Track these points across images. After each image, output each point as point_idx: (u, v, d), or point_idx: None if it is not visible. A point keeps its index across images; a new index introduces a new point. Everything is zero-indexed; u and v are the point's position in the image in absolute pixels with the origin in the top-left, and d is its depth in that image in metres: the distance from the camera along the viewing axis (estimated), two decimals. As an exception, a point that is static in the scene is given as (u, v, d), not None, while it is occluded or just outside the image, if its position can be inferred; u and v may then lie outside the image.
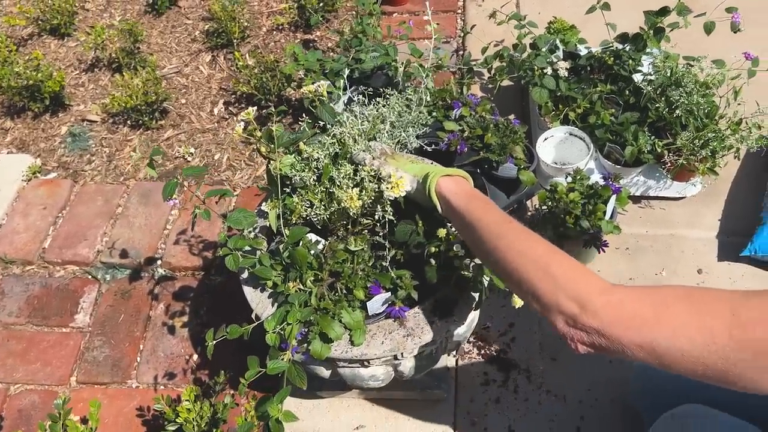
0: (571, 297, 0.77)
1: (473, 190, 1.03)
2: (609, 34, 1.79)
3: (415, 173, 1.08)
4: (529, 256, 0.84)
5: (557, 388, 1.49)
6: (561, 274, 0.79)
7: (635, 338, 0.72)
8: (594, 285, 0.77)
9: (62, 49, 2.49)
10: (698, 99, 1.60)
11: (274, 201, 1.15)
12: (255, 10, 2.56)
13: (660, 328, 0.70)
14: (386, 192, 1.06)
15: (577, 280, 0.78)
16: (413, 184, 1.08)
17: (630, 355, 0.73)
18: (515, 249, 0.86)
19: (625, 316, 0.73)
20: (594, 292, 0.76)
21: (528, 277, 0.82)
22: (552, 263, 0.81)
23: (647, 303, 0.73)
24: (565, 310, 0.77)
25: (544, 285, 0.80)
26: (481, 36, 2.14)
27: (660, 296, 0.73)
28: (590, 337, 0.75)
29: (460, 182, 1.04)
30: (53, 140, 2.19)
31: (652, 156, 1.64)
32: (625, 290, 0.76)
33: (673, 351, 0.70)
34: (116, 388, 1.64)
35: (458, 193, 1.00)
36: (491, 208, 0.97)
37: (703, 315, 0.69)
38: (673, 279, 1.65)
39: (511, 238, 0.88)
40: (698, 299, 0.71)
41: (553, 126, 1.74)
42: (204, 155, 2.09)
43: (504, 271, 0.88)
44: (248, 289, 1.20)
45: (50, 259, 1.88)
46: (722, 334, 0.67)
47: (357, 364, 1.16)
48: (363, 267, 1.13)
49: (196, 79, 2.33)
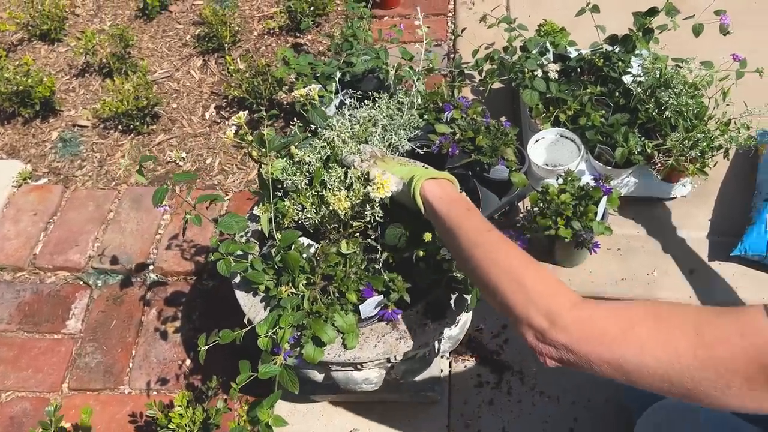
0: (541, 311, 0.77)
1: (457, 195, 1.03)
2: (599, 36, 1.80)
3: (401, 175, 1.08)
4: (503, 267, 0.84)
5: (550, 389, 1.50)
6: (533, 287, 0.80)
7: (603, 355, 0.72)
8: (565, 300, 0.77)
9: (52, 54, 2.48)
10: (687, 100, 1.61)
11: (266, 205, 1.15)
12: (246, 15, 2.56)
13: (627, 346, 0.71)
14: (372, 193, 1.06)
15: (548, 294, 0.78)
16: (399, 186, 1.08)
17: (598, 371, 0.74)
18: (490, 258, 0.86)
19: (594, 333, 0.73)
20: (564, 308, 0.76)
21: (501, 288, 0.82)
22: (525, 275, 0.82)
23: (615, 320, 0.73)
24: (535, 324, 0.77)
25: (516, 297, 0.80)
26: (471, 39, 2.15)
27: (628, 314, 0.74)
28: (558, 352, 0.76)
29: (444, 186, 1.03)
30: (44, 146, 2.18)
31: (642, 157, 1.65)
32: (595, 306, 0.76)
33: (640, 368, 0.71)
34: (108, 395, 1.63)
35: (441, 197, 1.00)
36: (472, 214, 0.96)
37: (669, 334, 0.70)
38: (664, 279, 1.65)
39: (488, 247, 0.88)
40: (665, 318, 0.71)
41: (544, 128, 1.75)
42: (196, 159, 2.09)
43: (479, 280, 0.88)
44: (240, 293, 1.19)
45: (41, 265, 1.87)
46: (687, 353, 0.68)
47: (350, 368, 1.16)
48: (355, 270, 1.13)
49: (188, 84, 2.32)
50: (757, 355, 0.64)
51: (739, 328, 0.66)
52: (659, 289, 1.64)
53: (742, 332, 0.66)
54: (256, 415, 1.02)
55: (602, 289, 1.64)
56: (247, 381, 1.06)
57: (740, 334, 0.66)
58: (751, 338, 0.65)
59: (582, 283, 1.66)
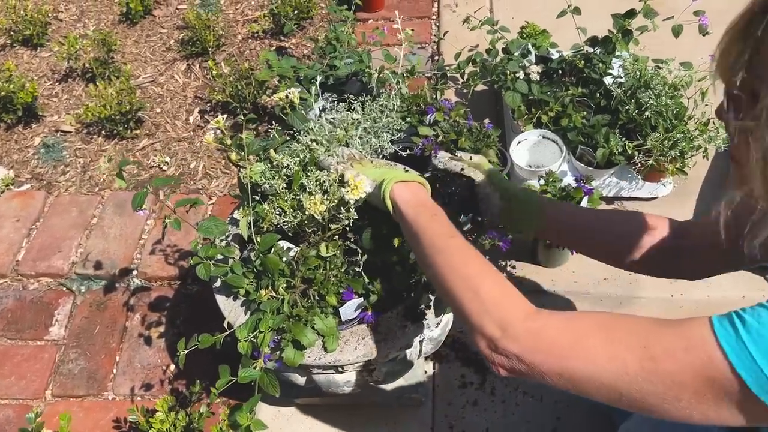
0: (494, 320, 0.77)
1: (425, 200, 1.02)
2: (580, 37, 1.81)
3: (374, 177, 1.08)
4: (461, 274, 0.84)
5: (534, 389, 1.50)
6: (488, 296, 0.80)
7: (553, 366, 0.73)
8: (518, 310, 0.78)
9: (35, 59, 2.47)
10: (667, 101, 1.63)
11: (245, 209, 1.15)
12: (230, 19, 2.56)
13: (577, 358, 0.72)
14: (346, 195, 1.06)
15: (503, 303, 0.79)
16: (371, 187, 1.08)
17: (549, 381, 0.74)
18: (450, 265, 0.86)
19: (545, 344, 0.74)
20: (517, 318, 0.77)
21: (459, 296, 0.83)
22: (482, 284, 0.82)
23: (566, 332, 0.74)
24: (488, 333, 0.77)
25: (471, 305, 0.80)
26: (454, 42, 2.16)
27: (579, 325, 0.74)
28: (510, 361, 0.76)
29: (414, 190, 1.03)
30: (26, 152, 2.17)
31: (623, 157, 1.66)
32: (548, 317, 0.76)
33: (590, 380, 0.71)
34: (92, 401, 1.62)
35: (409, 201, 1.00)
36: (437, 220, 0.96)
37: (617, 346, 0.70)
38: (646, 279, 1.65)
39: (449, 254, 0.88)
40: (614, 330, 0.72)
41: (526, 129, 1.76)
42: (180, 164, 2.08)
43: (439, 286, 0.89)
44: (221, 297, 1.19)
45: (24, 271, 1.85)
46: (634, 365, 0.68)
47: (331, 371, 1.16)
48: (335, 273, 1.13)
49: (171, 88, 2.32)
50: (703, 369, 0.64)
51: (684, 341, 0.66)
52: (641, 289, 1.65)
53: (687, 346, 0.66)
54: (236, 420, 1.02)
55: (585, 289, 1.65)
56: (228, 385, 1.06)
57: (685, 348, 0.66)
58: (696, 351, 0.65)
59: (565, 283, 1.67)
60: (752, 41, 0.61)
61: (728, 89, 0.67)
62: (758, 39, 0.61)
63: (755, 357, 0.61)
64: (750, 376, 0.61)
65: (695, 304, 1.61)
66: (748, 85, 0.64)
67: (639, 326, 0.71)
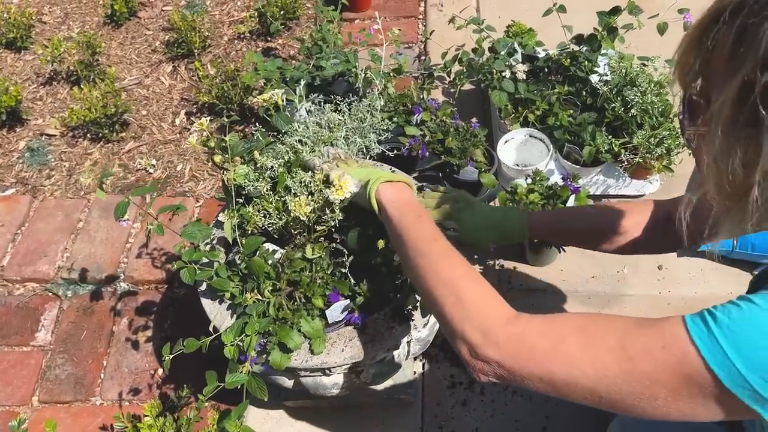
0: (476, 326, 0.77)
1: (410, 201, 1.02)
2: (565, 36, 1.82)
3: (359, 177, 1.08)
4: (443, 278, 0.84)
5: (523, 388, 1.50)
6: (469, 301, 0.79)
7: (534, 371, 0.73)
8: (499, 316, 0.77)
9: (19, 62, 2.45)
10: (653, 98, 1.63)
11: (230, 212, 1.15)
12: (216, 20, 2.54)
13: (556, 362, 0.71)
14: (331, 195, 1.06)
15: (484, 309, 0.78)
16: (357, 187, 1.08)
17: (530, 386, 0.74)
18: (432, 269, 0.86)
19: (524, 349, 0.73)
20: (498, 324, 0.76)
21: (440, 301, 0.82)
22: (464, 289, 0.81)
23: (545, 336, 0.73)
24: (469, 340, 0.77)
25: (452, 311, 0.80)
26: (441, 41, 2.16)
27: (558, 329, 0.74)
28: (491, 367, 0.75)
29: (400, 190, 1.03)
30: (11, 156, 2.15)
31: (610, 155, 1.66)
32: (527, 321, 0.76)
33: (569, 383, 0.71)
34: (80, 406, 1.61)
35: (394, 201, 1.00)
36: (422, 222, 0.95)
37: (596, 348, 0.70)
38: (634, 276, 1.67)
39: (432, 258, 0.88)
40: (592, 332, 0.71)
41: (513, 128, 1.76)
42: (166, 167, 2.07)
43: (421, 289, 0.88)
44: (206, 301, 1.18)
45: (9, 277, 1.84)
46: (613, 367, 0.68)
47: (319, 373, 1.15)
48: (321, 275, 1.13)
49: (157, 90, 2.30)
50: (678, 366, 0.64)
51: (660, 340, 0.66)
52: (629, 286, 1.66)
53: (664, 344, 0.66)
54: (225, 427, 1.01)
55: (573, 288, 1.65)
56: (216, 391, 1.05)
57: (662, 346, 0.66)
58: (671, 349, 0.65)
59: (553, 282, 1.67)
60: (704, 49, 0.62)
61: (686, 95, 0.67)
62: (708, 49, 0.62)
63: (727, 352, 0.61)
64: (723, 371, 0.62)
65: (683, 301, 1.62)
66: (705, 91, 0.64)
67: (617, 327, 0.71)
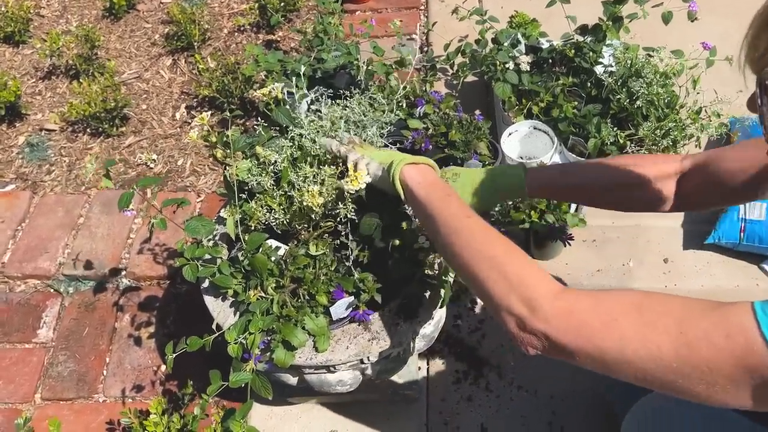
0: (522, 300, 0.75)
1: (436, 180, 1.00)
2: (569, 26, 1.79)
3: (380, 160, 1.05)
4: (484, 254, 0.82)
5: (528, 383, 1.49)
6: (514, 275, 0.78)
7: (584, 347, 0.71)
8: (546, 289, 0.76)
9: (17, 57, 2.42)
10: (658, 89, 1.61)
11: (232, 207, 1.13)
12: (216, 12, 2.52)
13: (608, 340, 0.70)
14: (345, 186, 1.03)
15: (529, 283, 0.77)
16: (378, 171, 1.04)
17: (579, 362, 0.72)
18: (470, 246, 0.84)
19: (574, 325, 0.72)
20: (546, 298, 0.75)
21: (482, 276, 0.81)
22: (507, 263, 0.80)
23: (597, 313, 0.71)
24: (516, 313, 0.75)
25: (497, 286, 0.78)
26: (444, 32, 2.13)
27: (610, 305, 0.72)
28: (539, 341, 0.74)
29: (424, 171, 1.00)
30: (10, 151, 2.13)
31: (615, 147, 1.64)
32: (576, 297, 0.74)
33: (620, 362, 0.69)
34: (83, 403, 1.60)
35: (420, 182, 0.97)
36: (452, 200, 0.94)
37: (651, 329, 0.68)
38: (640, 269, 1.66)
39: (468, 234, 0.86)
40: (648, 311, 0.69)
41: (517, 120, 1.74)
42: (167, 161, 2.05)
43: (460, 267, 0.86)
44: (209, 298, 1.17)
45: (10, 273, 1.83)
46: (669, 351, 0.66)
47: (323, 370, 1.14)
48: (325, 272, 1.11)
49: (157, 84, 2.28)
50: (743, 356, 0.62)
51: (724, 328, 0.64)
52: (635, 279, 1.64)
53: (728, 333, 0.63)
54: (229, 427, 1.00)
55: (578, 281, 1.64)
56: (220, 390, 1.04)
57: (725, 335, 0.63)
58: (737, 338, 0.63)
59: (558, 276, 1.65)
60: None
61: (760, 80, 0.64)
62: None
63: None
64: None
65: (689, 294, 1.59)
66: None
67: (674, 308, 0.68)
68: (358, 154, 1.08)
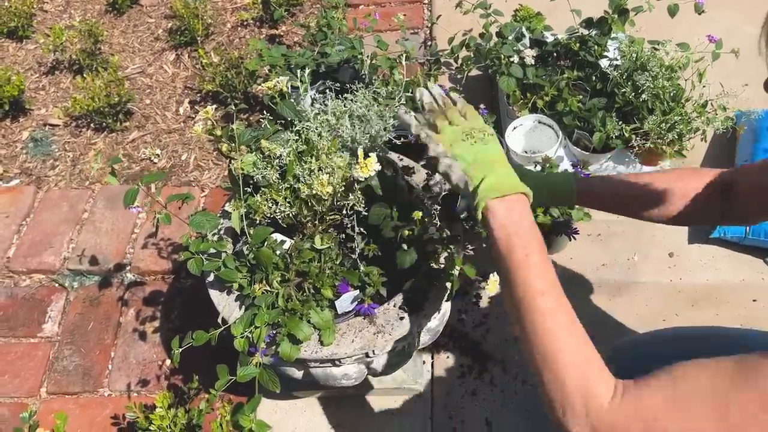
0: (570, 409, 0.74)
1: (520, 227, 0.87)
2: (574, 19, 1.79)
3: (467, 170, 0.91)
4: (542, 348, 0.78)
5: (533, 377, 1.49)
6: (566, 381, 0.75)
7: None
8: (595, 399, 0.74)
9: (21, 52, 2.42)
10: (664, 83, 1.60)
11: (237, 201, 1.13)
12: (219, 7, 2.51)
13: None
14: (355, 173, 0.98)
15: (579, 392, 0.74)
16: (460, 182, 0.92)
17: None
18: (533, 330, 0.80)
19: None
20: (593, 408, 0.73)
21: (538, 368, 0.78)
22: (561, 367, 0.76)
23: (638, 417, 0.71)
24: (565, 424, 0.74)
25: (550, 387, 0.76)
26: (448, 26, 2.12)
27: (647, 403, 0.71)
28: None
29: (511, 209, 0.87)
30: (14, 146, 2.13)
31: (620, 141, 1.64)
32: (619, 405, 0.72)
33: None
34: (88, 397, 1.61)
35: (504, 226, 0.86)
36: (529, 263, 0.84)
37: (693, 422, 0.67)
38: (645, 263, 1.65)
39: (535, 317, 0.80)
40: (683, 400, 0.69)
41: (522, 114, 1.74)
42: (171, 156, 2.05)
43: (520, 342, 0.83)
44: (214, 292, 1.17)
45: (15, 268, 1.83)
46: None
47: (328, 364, 1.14)
48: (330, 265, 1.11)
49: (161, 79, 2.28)
50: None
51: (760, 401, 0.63)
52: (640, 274, 1.64)
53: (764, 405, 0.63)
54: (239, 422, 1.00)
55: (583, 275, 1.64)
56: (228, 384, 1.04)
57: (763, 408, 0.63)
58: None
59: (563, 269, 1.65)
60: None
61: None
62: None
63: None
64: None
65: (694, 288, 1.60)
66: None
67: (707, 390, 0.68)
68: (441, 147, 0.94)
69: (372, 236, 1.16)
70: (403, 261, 1.11)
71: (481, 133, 0.95)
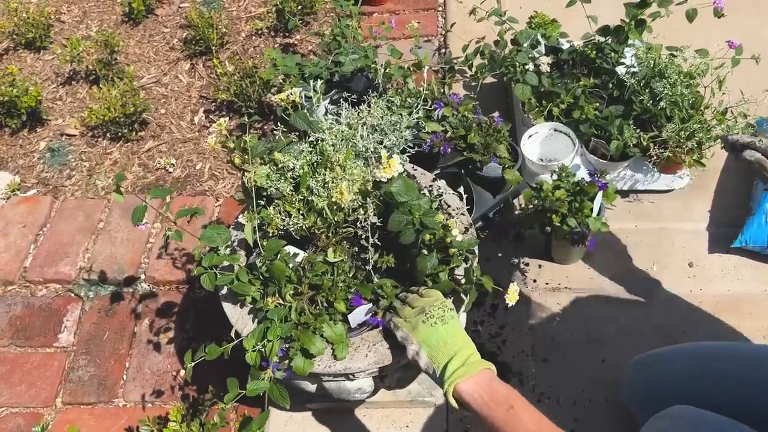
0: None
1: (494, 391, 0.96)
2: (590, 27, 1.76)
3: (431, 354, 1.00)
4: None
5: (550, 390, 1.47)
6: None
7: None
8: None
9: (38, 62, 2.45)
10: (682, 90, 1.58)
11: (250, 213, 1.12)
12: (233, 16, 2.52)
13: None
14: (377, 174, 1.00)
15: None
16: (428, 368, 1.01)
17: None
18: None
19: None
20: None
21: None
22: None
23: None
24: None
25: None
26: (462, 34, 2.11)
27: None
28: None
29: (479, 382, 0.96)
30: (32, 156, 2.15)
31: (638, 149, 1.62)
32: None
33: None
34: (103, 408, 1.61)
35: (478, 398, 0.95)
36: (516, 418, 0.93)
37: None
38: (664, 273, 1.62)
39: None
40: None
41: (537, 122, 1.72)
42: (185, 165, 2.05)
43: None
44: (227, 305, 1.17)
45: (32, 278, 1.84)
46: None
47: (342, 378, 1.13)
48: (343, 278, 1.10)
49: (176, 88, 2.29)
50: None
51: None
52: (659, 284, 1.61)
53: None
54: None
55: (600, 286, 1.61)
56: (237, 398, 1.03)
57: None
58: None
59: (580, 280, 1.63)
60: None
61: None
62: None
63: None
64: None
65: (714, 299, 1.57)
66: None
67: None
68: (404, 332, 1.04)
69: (385, 248, 1.14)
70: (424, 266, 1.09)
71: (440, 309, 1.03)
